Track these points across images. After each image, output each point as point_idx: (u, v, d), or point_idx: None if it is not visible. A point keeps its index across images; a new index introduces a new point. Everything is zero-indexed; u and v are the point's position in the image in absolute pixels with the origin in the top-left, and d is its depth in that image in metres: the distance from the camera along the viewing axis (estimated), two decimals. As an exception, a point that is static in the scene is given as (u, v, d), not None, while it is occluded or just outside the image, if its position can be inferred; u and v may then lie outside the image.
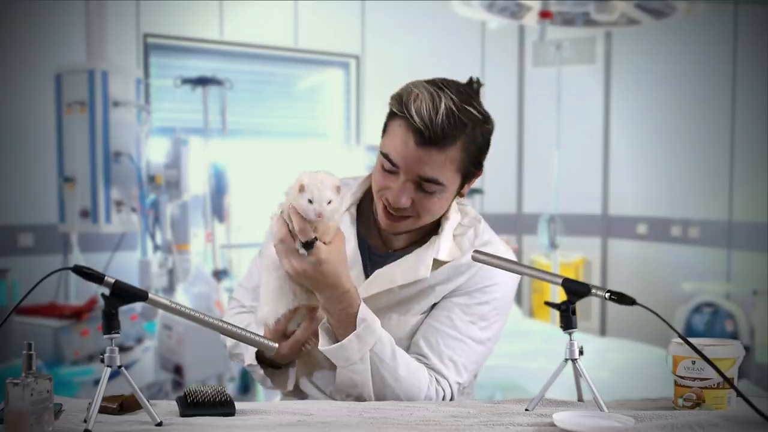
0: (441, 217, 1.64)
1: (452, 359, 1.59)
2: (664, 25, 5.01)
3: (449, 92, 1.50)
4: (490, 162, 1.65)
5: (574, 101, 6.13)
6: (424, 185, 1.53)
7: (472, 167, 1.57)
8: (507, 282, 1.63)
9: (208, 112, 4.76)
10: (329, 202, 1.43)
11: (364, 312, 1.51)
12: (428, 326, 1.60)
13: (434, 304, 1.62)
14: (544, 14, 4.59)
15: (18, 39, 4.63)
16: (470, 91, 1.56)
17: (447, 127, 1.48)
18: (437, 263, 1.60)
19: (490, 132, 1.58)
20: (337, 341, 1.51)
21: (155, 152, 4.55)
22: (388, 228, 1.60)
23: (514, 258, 1.59)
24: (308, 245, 1.43)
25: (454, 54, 6.32)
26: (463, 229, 1.66)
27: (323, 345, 1.52)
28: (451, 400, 1.58)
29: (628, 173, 6.31)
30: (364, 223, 1.68)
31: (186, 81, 4.74)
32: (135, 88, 4.44)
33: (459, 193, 1.62)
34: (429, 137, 1.48)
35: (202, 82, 4.74)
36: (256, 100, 5.68)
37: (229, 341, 1.67)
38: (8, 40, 4.63)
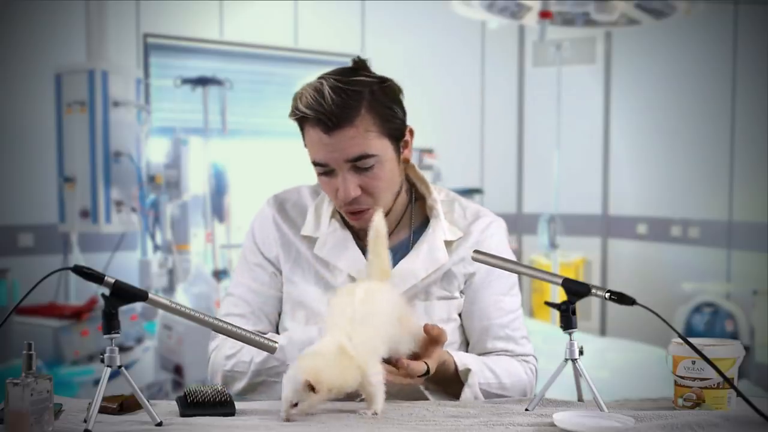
0: (427, 198, 1.68)
1: (523, 336, 1.69)
2: (664, 25, 5.01)
3: (331, 76, 1.53)
4: (490, 162, 1.67)
5: (574, 101, 6.12)
6: (359, 165, 1.53)
7: (393, 126, 1.57)
8: (504, 237, 1.70)
9: (208, 112, 4.76)
10: (294, 405, 1.27)
11: (462, 361, 1.55)
12: (492, 325, 1.66)
13: (461, 291, 1.66)
14: (544, 14, 4.59)
15: (18, 39, 4.63)
16: (354, 66, 1.58)
17: (340, 101, 1.49)
18: (446, 245, 1.64)
19: (393, 89, 1.58)
20: (446, 393, 1.55)
21: (155, 152, 4.55)
22: (361, 226, 1.60)
23: (504, 226, 1.71)
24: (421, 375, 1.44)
25: (454, 54, 6.32)
26: (446, 205, 1.69)
27: None
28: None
29: (628, 173, 6.31)
30: (348, 223, 1.68)
31: (186, 81, 4.74)
32: (135, 88, 4.44)
33: (404, 160, 1.62)
34: (330, 120, 1.50)
35: (202, 82, 4.74)
36: (256, 100, 5.67)
37: (258, 357, 1.59)
38: (8, 40, 4.63)
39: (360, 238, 1.66)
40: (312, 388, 1.25)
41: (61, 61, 4.41)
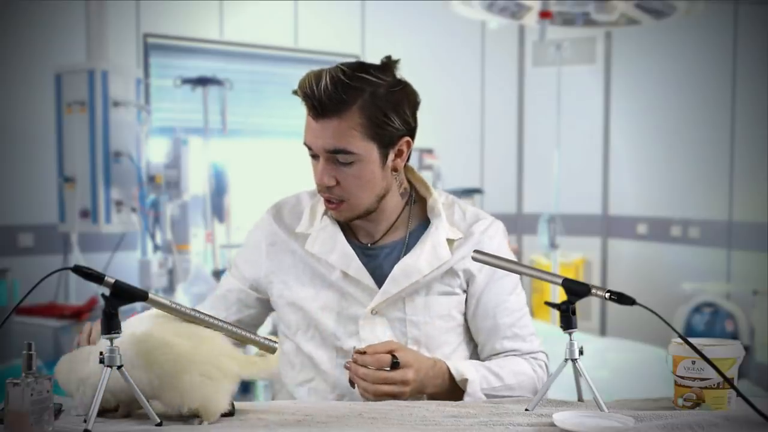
0: (428, 199, 1.69)
1: (531, 333, 1.71)
2: (664, 25, 5.01)
3: (341, 66, 1.54)
4: (490, 162, 1.67)
5: (574, 101, 6.13)
6: (338, 158, 1.55)
7: (383, 133, 1.56)
8: (504, 239, 1.71)
9: (208, 112, 4.75)
10: None
11: (459, 371, 1.56)
12: (499, 325, 1.67)
13: (465, 290, 1.67)
14: (544, 14, 4.59)
15: (18, 39, 4.63)
16: (378, 65, 1.58)
17: (334, 93, 1.50)
18: (448, 243, 1.65)
19: (401, 97, 1.57)
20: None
21: (155, 152, 4.54)
22: (337, 218, 1.64)
23: (503, 227, 1.73)
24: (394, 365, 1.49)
25: (454, 54, 6.32)
26: (446, 208, 1.71)
27: None
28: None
29: (628, 173, 6.31)
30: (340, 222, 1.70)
31: (186, 81, 4.74)
32: (135, 88, 4.43)
33: (393, 169, 1.62)
34: (318, 107, 1.51)
35: (202, 82, 4.73)
36: (256, 100, 5.67)
37: None
38: (8, 40, 4.62)
39: (355, 234, 1.69)
40: None
41: (61, 61, 4.40)
